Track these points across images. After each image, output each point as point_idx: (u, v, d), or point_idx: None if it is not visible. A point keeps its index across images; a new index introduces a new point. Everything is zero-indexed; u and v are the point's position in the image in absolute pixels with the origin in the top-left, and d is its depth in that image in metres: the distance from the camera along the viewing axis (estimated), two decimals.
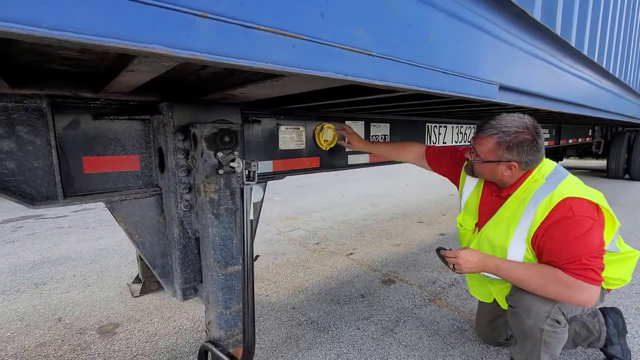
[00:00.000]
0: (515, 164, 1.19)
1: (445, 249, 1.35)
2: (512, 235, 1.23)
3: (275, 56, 0.55)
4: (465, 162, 1.47)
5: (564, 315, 1.19)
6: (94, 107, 1.09)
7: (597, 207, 1.18)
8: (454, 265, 1.29)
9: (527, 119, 1.20)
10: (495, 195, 1.35)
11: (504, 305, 1.39)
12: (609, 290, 1.36)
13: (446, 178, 1.68)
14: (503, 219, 1.28)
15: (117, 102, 1.13)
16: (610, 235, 1.23)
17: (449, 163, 1.62)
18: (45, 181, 1.02)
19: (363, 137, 1.98)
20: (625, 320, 1.55)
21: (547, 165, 1.27)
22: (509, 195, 1.29)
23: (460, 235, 1.55)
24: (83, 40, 0.39)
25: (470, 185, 1.47)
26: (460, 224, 1.51)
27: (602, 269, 1.12)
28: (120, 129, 1.15)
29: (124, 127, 1.16)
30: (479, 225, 1.41)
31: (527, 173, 1.25)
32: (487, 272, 1.27)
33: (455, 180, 1.61)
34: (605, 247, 1.21)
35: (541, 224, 1.15)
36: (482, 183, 1.42)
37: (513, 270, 1.20)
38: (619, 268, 1.29)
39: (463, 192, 1.51)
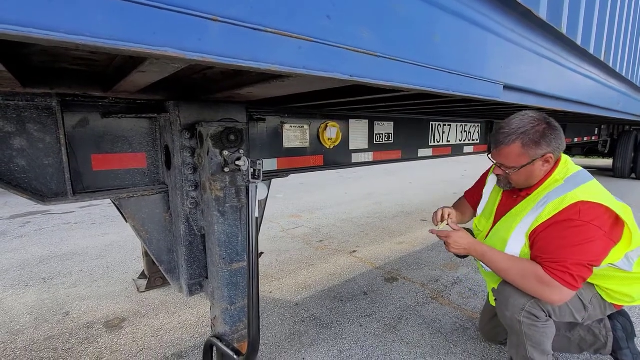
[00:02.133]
0: (551, 155, 1.19)
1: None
2: (515, 228, 1.24)
3: (282, 58, 0.56)
4: (488, 177, 1.51)
5: (543, 311, 1.20)
6: (103, 105, 1.10)
7: (615, 218, 1.13)
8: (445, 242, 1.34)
9: (531, 113, 1.22)
10: (514, 197, 1.35)
11: (492, 300, 1.42)
12: (616, 306, 1.31)
13: None
14: (513, 214, 1.30)
15: (125, 100, 1.14)
16: (623, 251, 1.18)
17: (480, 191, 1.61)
18: (55, 178, 1.04)
19: (367, 136, 1.99)
20: (634, 323, 1.54)
21: (571, 168, 1.26)
22: (528, 194, 1.28)
23: (474, 237, 1.56)
24: (99, 44, 0.40)
25: (490, 188, 1.49)
26: (476, 226, 1.53)
27: (584, 279, 1.11)
28: (127, 127, 1.17)
29: (132, 126, 1.17)
30: (495, 223, 1.41)
31: (550, 173, 1.25)
32: (474, 257, 1.31)
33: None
34: (614, 263, 1.19)
35: (545, 220, 1.15)
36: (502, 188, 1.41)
37: (496, 258, 1.23)
38: (627, 285, 1.25)
39: (483, 196, 1.53)
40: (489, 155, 1.33)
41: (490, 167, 1.56)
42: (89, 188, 1.12)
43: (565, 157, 1.30)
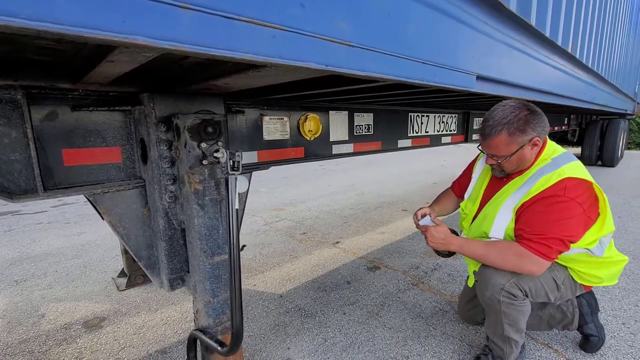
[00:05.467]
0: (538, 138, 1.23)
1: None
2: (503, 204, 1.29)
3: (256, 47, 0.56)
4: (475, 164, 1.57)
5: (521, 290, 1.27)
6: (72, 98, 1.06)
7: (595, 197, 1.21)
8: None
9: (511, 102, 1.27)
10: (503, 179, 1.38)
11: (470, 282, 1.49)
12: (585, 287, 1.39)
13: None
14: (501, 193, 1.34)
15: (97, 92, 1.10)
16: (597, 235, 1.24)
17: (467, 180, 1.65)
18: (24, 174, 1.00)
19: (347, 127, 2.01)
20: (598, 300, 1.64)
21: (558, 149, 1.33)
22: (518, 175, 1.33)
23: (461, 220, 1.61)
24: (63, 31, 0.39)
25: (477, 173, 1.54)
26: (462, 209, 1.58)
27: (560, 252, 1.18)
28: (100, 121, 1.13)
29: (104, 119, 1.14)
30: (481, 206, 1.45)
31: (538, 154, 1.29)
32: (454, 251, 1.35)
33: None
34: (590, 248, 1.24)
35: (533, 196, 1.20)
36: (490, 172, 1.46)
37: (473, 247, 1.28)
38: (596, 268, 1.33)
39: (471, 180, 1.57)
40: (479, 147, 1.37)
41: (477, 156, 1.61)
42: (61, 184, 1.08)
43: (550, 141, 1.36)
